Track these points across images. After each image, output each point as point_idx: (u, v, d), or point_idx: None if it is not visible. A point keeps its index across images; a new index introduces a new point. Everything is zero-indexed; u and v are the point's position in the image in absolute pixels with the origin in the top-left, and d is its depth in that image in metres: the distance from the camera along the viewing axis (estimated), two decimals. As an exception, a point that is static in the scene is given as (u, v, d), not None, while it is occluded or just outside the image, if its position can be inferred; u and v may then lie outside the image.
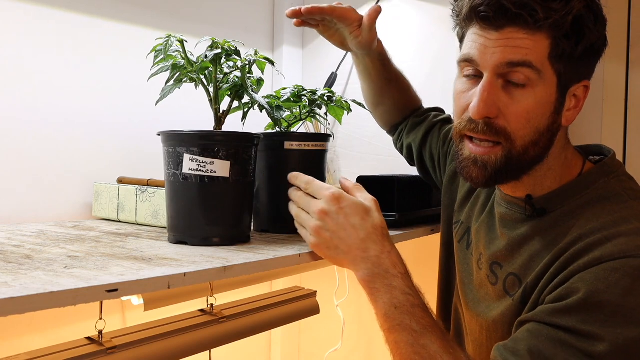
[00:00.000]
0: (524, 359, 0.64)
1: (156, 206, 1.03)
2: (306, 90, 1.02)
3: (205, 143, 0.81)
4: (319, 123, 1.36)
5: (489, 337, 0.78)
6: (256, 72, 0.93)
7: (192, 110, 1.18)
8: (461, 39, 0.79)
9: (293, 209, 0.85)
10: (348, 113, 1.06)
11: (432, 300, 0.87)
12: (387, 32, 1.47)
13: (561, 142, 0.77)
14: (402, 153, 1.17)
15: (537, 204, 0.77)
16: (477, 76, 0.74)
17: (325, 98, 1.02)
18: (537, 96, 0.71)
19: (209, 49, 0.86)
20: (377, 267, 0.76)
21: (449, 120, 1.11)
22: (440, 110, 1.15)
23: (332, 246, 0.78)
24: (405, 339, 0.71)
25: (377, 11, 0.97)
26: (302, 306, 1.25)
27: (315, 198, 0.81)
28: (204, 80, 0.88)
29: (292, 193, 0.85)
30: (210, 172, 0.81)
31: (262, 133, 0.95)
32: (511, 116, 0.71)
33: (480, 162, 0.74)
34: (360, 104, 1.07)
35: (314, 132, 1.45)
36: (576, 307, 0.64)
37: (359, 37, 0.98)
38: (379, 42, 1.04)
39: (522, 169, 0.75)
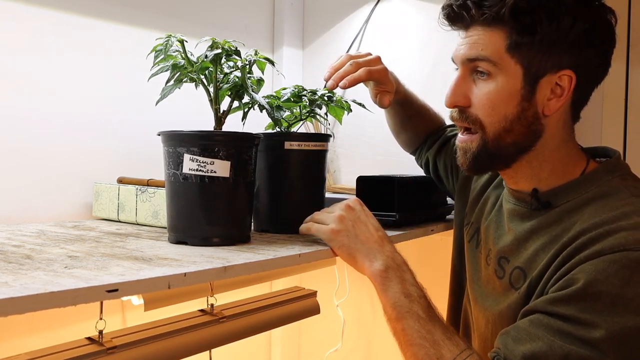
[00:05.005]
0: (523, 345, 0.67)
1: (156, 206, 1.03)
2: (306, 90, 1.02)
3: (205, 143, 0.81)
4: (319, 123, 1.36)
5: (494, 330, 0.80)
6: (256, 72, 0.93)
7: (192, 110, 1.18)
8: None
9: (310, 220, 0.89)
10: (348, 113, 1.06)
11: (440, 301, 0.89)
12: (387, 32, 1.47)
13: (559, 136, 0.79)
14: (422, 168, 1.21)
15: (543, 198, 0.80)
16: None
17: (326, 98, 1.02)
18: (498, 85, 0.77)
19: (209, 49, 0.85)
20: (392, 260, 0.81)
21: None
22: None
23: (352, 235, 0.84)
24: (412, 324, 0.75)
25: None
26: (302, 306, 1.25)
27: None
28: (204, 80, 0.88)
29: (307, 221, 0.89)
30: (211, 172, 0.81)
31: (262, 133, 0.94)
32: (477, 104, 0.79)
33: (462, 149, 0.83)
34: (360, 104, 1.07)
35: (314, 132, 1.45)
36: (575, 296, 0.66)
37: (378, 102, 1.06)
38: (397, 89, 1.07)
39: (503, 156, 0.80)
